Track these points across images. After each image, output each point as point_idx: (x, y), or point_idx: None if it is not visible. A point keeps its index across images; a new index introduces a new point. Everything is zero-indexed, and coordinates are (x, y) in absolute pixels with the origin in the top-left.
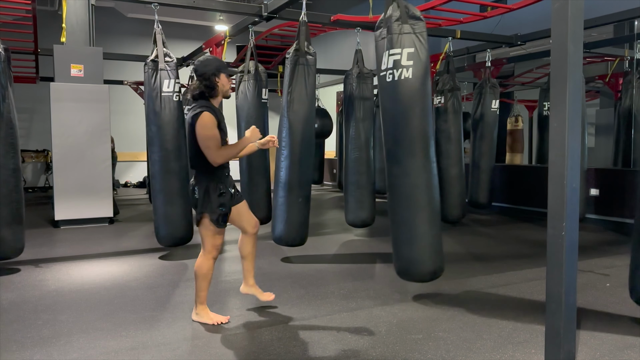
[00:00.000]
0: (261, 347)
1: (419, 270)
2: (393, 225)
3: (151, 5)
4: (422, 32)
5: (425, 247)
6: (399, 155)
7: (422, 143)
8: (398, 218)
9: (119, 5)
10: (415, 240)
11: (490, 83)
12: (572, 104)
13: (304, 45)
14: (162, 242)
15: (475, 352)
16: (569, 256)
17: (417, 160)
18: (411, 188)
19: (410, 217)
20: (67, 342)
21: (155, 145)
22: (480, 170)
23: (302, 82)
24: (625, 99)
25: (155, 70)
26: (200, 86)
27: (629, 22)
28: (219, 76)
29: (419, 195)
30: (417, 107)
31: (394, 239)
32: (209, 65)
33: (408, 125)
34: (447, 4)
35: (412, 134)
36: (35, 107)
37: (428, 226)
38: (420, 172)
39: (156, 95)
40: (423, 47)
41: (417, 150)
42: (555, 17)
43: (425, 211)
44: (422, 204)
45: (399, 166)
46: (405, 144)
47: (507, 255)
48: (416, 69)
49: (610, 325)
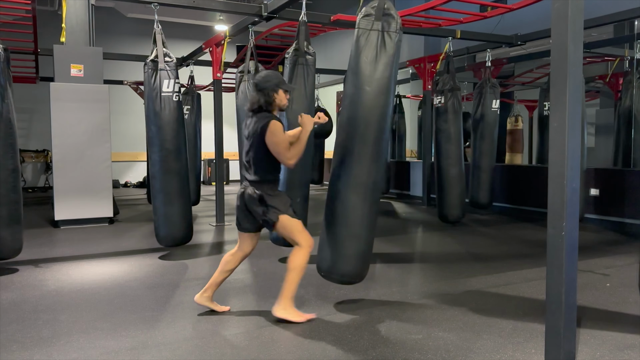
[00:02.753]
0: (261, 347)
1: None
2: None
3: (151, 5)
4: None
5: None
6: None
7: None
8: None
9: (119, 5)
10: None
11: (491, 83)
12: (572, 104)
13: (304, 45)
14: (161, 242)
15: (475, 352)
16: (569, 256)
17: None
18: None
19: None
20: (67, 342)
21: (155, 145)
22: (481, 170)
23: (302, 82)
24: (625, 99)
25: (155, 70)
26: (260, 100)
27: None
28: (277, 92)
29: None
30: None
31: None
32: (269, 82)
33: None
34: (447, 4)
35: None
36: (35, 107)
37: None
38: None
39: (156, 95)
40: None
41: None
42: (555, 17)
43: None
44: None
45: (345, 166)
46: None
47: (507, 255)
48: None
49: (610, 325)
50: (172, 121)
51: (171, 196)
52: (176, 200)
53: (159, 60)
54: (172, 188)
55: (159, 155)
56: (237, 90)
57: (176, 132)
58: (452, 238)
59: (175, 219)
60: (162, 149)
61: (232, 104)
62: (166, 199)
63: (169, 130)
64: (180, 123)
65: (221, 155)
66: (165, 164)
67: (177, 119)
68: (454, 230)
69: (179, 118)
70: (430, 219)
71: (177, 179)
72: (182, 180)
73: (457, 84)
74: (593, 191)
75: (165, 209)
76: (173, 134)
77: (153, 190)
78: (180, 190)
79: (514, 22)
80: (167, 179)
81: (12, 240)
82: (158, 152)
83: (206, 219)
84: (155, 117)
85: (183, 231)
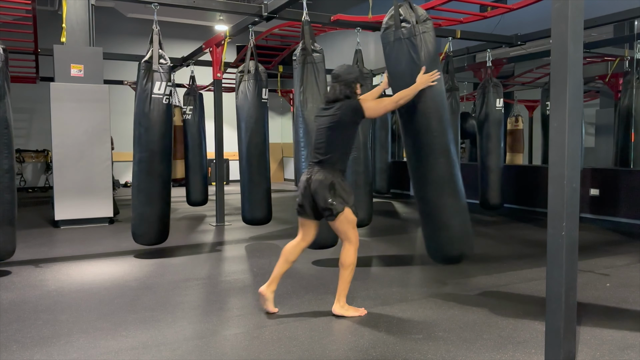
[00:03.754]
0: (261, 347)
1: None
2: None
3: (151, 5)
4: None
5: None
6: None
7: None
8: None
9: (119, 5)
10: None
11: (493, 82)
12: (572, 104)
13: (310, 44)
14: (137, 241)
15: (475, 352)
16: (569, 256)
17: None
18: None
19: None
20: (67, 342)
21: (141, 145)
22: (489, 170)
23: (313, 80)
24: (625, 99)
25: (148, 71)
26: (342, 91)
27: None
28: (357, 85)
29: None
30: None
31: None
32: (352, 74)
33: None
34: (447, 4)
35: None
36: (35, 107)
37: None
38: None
39: (146, 96)
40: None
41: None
42: (555, 17)
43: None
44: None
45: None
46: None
47: (507, 255)
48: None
49: (610, 325)
50: (159, 123)
51: (152, 197)
52: (156, 201)
53: (153, 62)
54: (153, 189)
55: (144, 156)
56: (237, 91)
57: (163, 134)
58: None
59: (153, 220)
60: (148, 150)
61: (232, 104)
62: (146, 199)
63: (156, 131)
64: (168, 126)
65: (221, 155)
66: (150, 164)
67: (165, 121)
68: None
69: (167, 121)
70: None
71: (160, 180)
72: (164, 182)
73: (456, 84)
74: (593, 191)
75: (143, 209)
76: (159, 135)
77: (134, 189)
78: (161, 192)
79: (514, 22)
80: (150, 179)
81: (5, 241)
82: (143, 153)
83: (206, 219)
84: (144, 117)
85: (159, 232)
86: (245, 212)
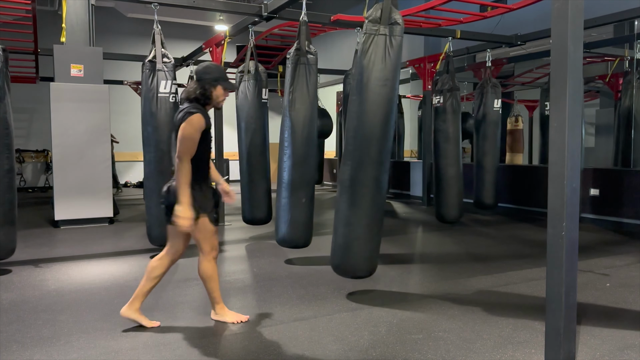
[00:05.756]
0: (261, 347)
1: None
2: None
3: (151, 5)
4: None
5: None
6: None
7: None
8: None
9: (119, 5)
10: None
11: (492, 83)
12: (572, 104)
13: (305, 45)
14: (154, 242)
15: (475, 352)
16: (569, 256)
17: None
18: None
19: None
20: (67, 342)
21: (150, 145)
22: (484, 170)
23: (304, 81)
24: (625, 99)
25: (152, 70)
26: (196, 91)
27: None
28: (215, 87)
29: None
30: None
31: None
32: (209, 74)
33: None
34: (447, 4)
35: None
36: (35, 107)
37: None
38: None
39: (153, 96)
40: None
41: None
42: (555, 17)
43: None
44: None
45: (355, 166)
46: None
47: (507, 255)
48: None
49: (610, 325)
50: (168, 122)
51: None
52: None
53: (157, 61)
54: None
55: (154, 156)
56: (237, 91)
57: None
58: (452, 238)
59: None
60: (158, 150)
61: (232, 104)
62: (159, 200)
63: (165, 131)
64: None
65: (221, 155)
66: (160, 164)
67: (173, 120)
68: (453, 231)
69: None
70: (430, 219)
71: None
72: None
73: (457, 84)
74: (593, 191)
75: (158, 210)
76: (169, 134)
77: (147, 190)
78: None
79: (514, 22)
80: (162, 179)
81: (5, 240)
82: (153, 153)
83: None
84: (152, 117)
85: None
86: (245, 212)
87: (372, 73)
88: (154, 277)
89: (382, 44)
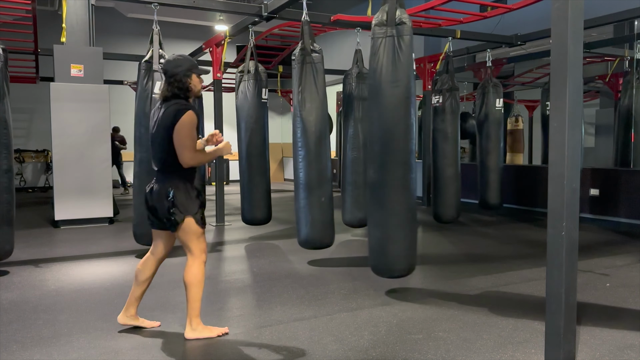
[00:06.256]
0: (261, 347)
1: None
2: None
3: (151, 5)
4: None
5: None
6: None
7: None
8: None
9: (119, 5)
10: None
11: (493, 82)
12: (572, 104)
13: (309, 44)
14: (139, 241)
15: (475, 352)
16: (569, 256)
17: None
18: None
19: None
20: (67, 342)
21: (142, 145)
22: (489, 170)
23: (312, 80)
24: (625, 99)
25: (148, 71)
26: (172, 88)
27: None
28: (190, 77)
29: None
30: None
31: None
32: (180, 67)
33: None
34: (447, 4)
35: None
36: (35, 107)
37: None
38: (398, 175)
39: (147, 96)
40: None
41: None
42: (555, 17)
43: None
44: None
45: (379, 169)
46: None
47: (507, 255)
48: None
49: (610, 325)
50: None
51: None
52: None
53: (153, 62)
54: None
55: (145, 156)
56: (237, 91)
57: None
58: (452, 238)
59: None
60: (149, 150)
61: (232, 104)
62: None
63: None
64: None
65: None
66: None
67: (154, 118)
68: (453, 231)
69: None
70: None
71: None
72: None
73: (456, 84)
74: (593, 191)
75: (144, 209)
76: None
77: (134, 189)
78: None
79: (514, 22)
80: (150, 179)
81: (2, 241)
82: (145, 152)
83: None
84: (145, 118)
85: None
86: (245, 212)
87: (384, 76)
88: (142, 281)
89: (391, 46)
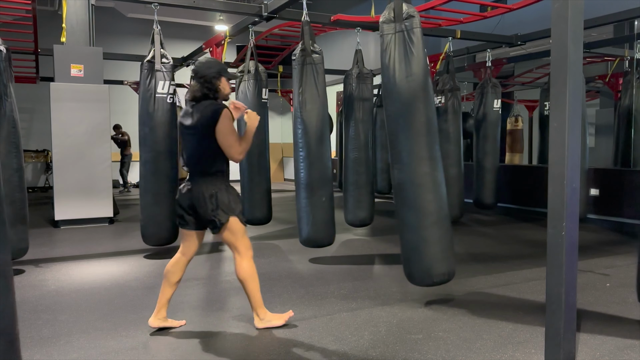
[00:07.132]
0: (261, 347)
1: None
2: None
3: (151, 5)
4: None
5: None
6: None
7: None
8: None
9: (119, 5)
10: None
11: (492, 83)
12: (572, 104)
13: (310, 45)
14: (147, 242)
15: (475, 352)
16: (569, 256)
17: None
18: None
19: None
20: (67, 342)
21: (147, 145)
22: (484, 170)
23: (312, 81)
24: (625, 99)
25: (151, 71)
26: (203, 88)
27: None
28: (220, 79)
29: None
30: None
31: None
32: (211, 68)
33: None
34: (447, 4)
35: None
36: (35, 107)
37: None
38: (425, 171)
39: (150, 96)
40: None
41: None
42: (555, 17)
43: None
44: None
45: (402, 166)
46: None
47: (507, 255)
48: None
49: (610, 326)
50: (164, 122)
51: (160, 197)
52: (164, 201)
53: (156, 62)
54: (161, 189)
55: (150, 156)
56: (237, 91)
57: (168, 134)
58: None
59: (162, 220)
60: (153, 150)
61: None
62: (154, 200)
63: (161, 131)
64: (172, 125)
65: None
66: (155, 164)
67: (170, 120)
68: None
69: (171, 120)
70: None
71: (166, 180)
72: (171, 182)
73: (457, 84)
74: (593, 191)
75: (152, 209)
76: (165, 135)
77: (141, 190)
78: (169, 192)
79: (514, 22)
80: (157, 179)
81: (17, 240)
82: (149, 153)
83: None
84: (148, 117)
85: (168, 232)
86: (245, 212)
87: (397, 72)
88: (175, 282)
89: (402, 41)
